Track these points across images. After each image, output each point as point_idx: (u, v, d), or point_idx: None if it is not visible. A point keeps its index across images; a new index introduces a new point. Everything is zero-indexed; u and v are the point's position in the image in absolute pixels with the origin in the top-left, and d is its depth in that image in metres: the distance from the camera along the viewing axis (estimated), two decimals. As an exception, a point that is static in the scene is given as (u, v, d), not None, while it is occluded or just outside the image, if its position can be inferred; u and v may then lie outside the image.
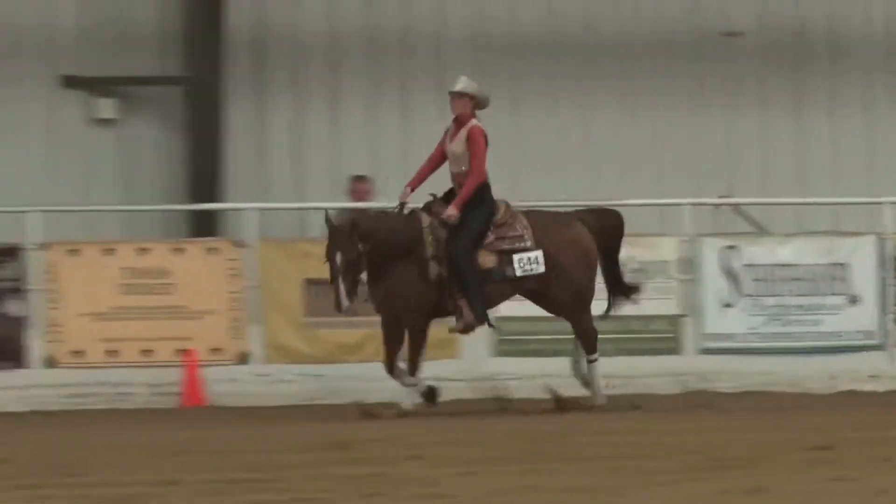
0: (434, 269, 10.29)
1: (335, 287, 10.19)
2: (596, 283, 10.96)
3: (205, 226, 15.02)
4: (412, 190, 10.57)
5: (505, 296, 10.74)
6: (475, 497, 6.06)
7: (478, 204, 10.33)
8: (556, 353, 12.99)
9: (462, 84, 10.52)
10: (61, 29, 15.68)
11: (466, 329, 10.62)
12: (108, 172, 15.93)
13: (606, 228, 10.98)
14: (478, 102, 10.51)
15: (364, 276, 10.30)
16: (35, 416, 12.32)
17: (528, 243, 10.46)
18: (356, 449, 8.46)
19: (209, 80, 15.57)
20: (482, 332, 12.23)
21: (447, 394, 11.47)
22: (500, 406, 11.38)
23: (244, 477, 7.04)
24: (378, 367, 11.33)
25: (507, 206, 10.64)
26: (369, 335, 12.67)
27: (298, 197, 15.72)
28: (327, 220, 10.37)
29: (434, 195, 10.53)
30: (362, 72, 16.28)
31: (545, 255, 10.52)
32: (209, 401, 12.56)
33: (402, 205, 10.61)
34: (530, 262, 10.42)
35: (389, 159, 16.09)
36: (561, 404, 10.84)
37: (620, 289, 11.16)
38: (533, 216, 10.77)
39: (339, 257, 10.10)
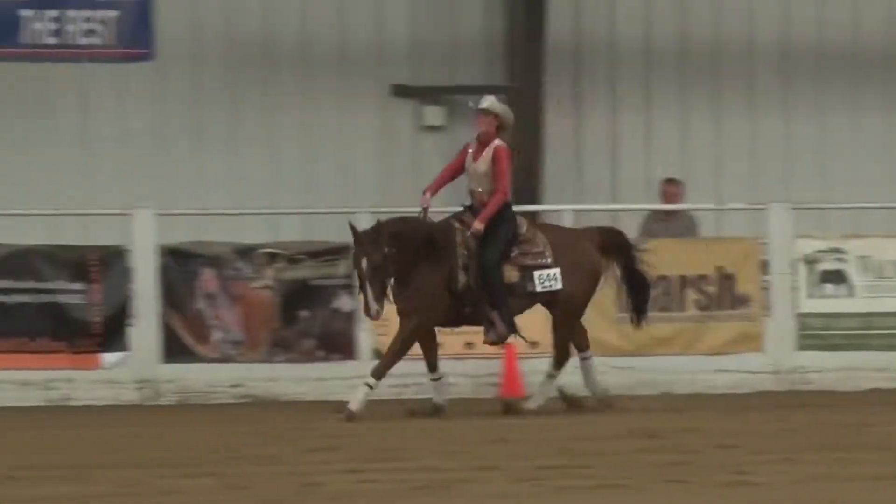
0: (462, 278, 10.20)
1: (363, 292, 10.11)
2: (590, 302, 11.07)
3: (523, 226, 15.61)
4: (431, 195, 10.50)
5: (522, 310, 10.61)
6: (787, 484, 6.10)
7: (502, 219, 10.32)
8: (858, 348, 13.15)
9: (488, 102, 10.46)
10: (393, 42, 16.43)
11: (498, 340, 10.59)
12: (434, 175, 16.42)
13: (614, 245, 11.02)
14: (502, 123, 10.45)
15: (387, 281, 10.16)
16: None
17: (549, 260, 10.43)
18: (664, 438, 8.52)
19: (531, 89, 15.96)
20: (788, 327, 12.42)
21: (753, 386, 11.63)
22: (804, 399, 11.45)
23: (555, 463, 7.22)
24: (686, 360, 11.59)
25: (530, 222, 10.80)
26: (680, 329, 13.06)
27: (612, 198, 16.09)
28: (351, 226, 10.26)
29: (466, 206, 10.51)
30: (674, 78, 16.48)
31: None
32: (527, 391, 13.08)
33: (424, 210, 10.53)
34: (549, 278, 10.39)
35: (700, 162, 16.35)
36: (571, 402, 10.91)
37: (642, 299, 11.19)
38: (549, 232, 10.80)
39: (364, 262, 9.99)
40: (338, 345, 13.37)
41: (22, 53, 15.96)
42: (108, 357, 13.24)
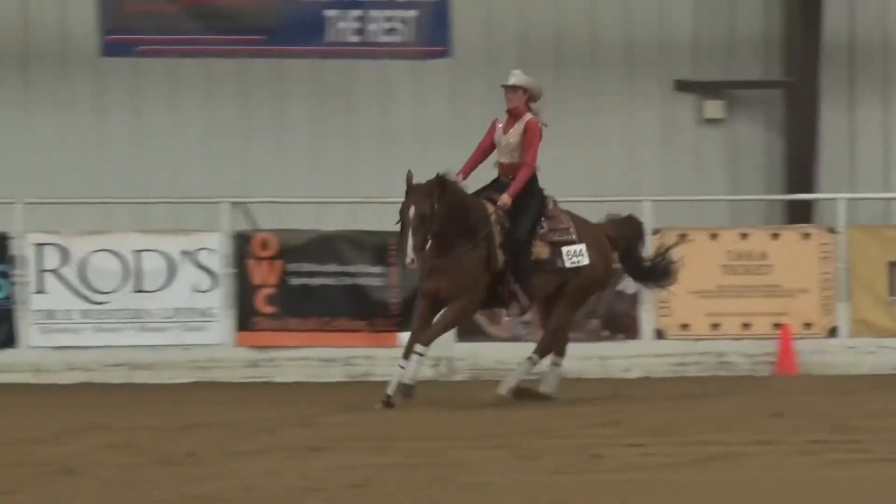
0: (500, 257, 10.00)
1: (403, 239, 9.79)
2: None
3: (799, 213, 15.68)
4: (464, 178, 10.26)
5: (551, 285, 10.36)
6: None
7: (531, 193, 10.16)
8: None
9: (515, 78, 10.24)
10: (675, 38, 16.75)
11: (522, 312, 10.49)
12: (714, 166, 16.87)
13: (627, 236, 10.93)
14: (531, 95, 10.24)
15: (429, 236, 9.79)
16: (644, 382, 13.41)
17: (574, 236, 10.29)
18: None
19: (807, 83, 16.17)
20: None
21: None
22: None
23: (830, 438, 7.44)
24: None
25: (554, 200, 10.46)
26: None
27: (885, 187, 16.17)
28: (408, 176, 9.94)
29: (493, 180, 10.34)
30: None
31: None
32: (800, 370, 13.25)
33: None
34: (577, 254, 10.25)
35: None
36: (519, 394, 10.51)
37: (649, 275, 11.19)
38: (569, 213, 10.62)
39: (412, 210, 9.70)
40: (621, 325, 13.84)
41: (327, 51, 16.79)
42: (405, 336, 13.79)
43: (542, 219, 10.24)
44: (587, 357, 13.49)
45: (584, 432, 8.38)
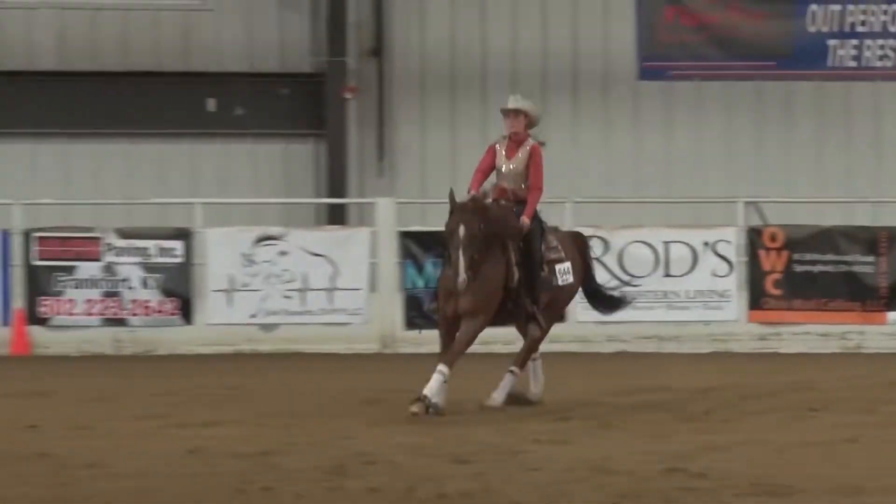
0: (516, 274, 9.54)
1: (455, 260, 9.17)
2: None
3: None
4: None
5: (544, 304, 9.86)
6: None
7: (536, 217, 9.83)
8: None
9: (516, 102, 9.81)
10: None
11: (542, 335, 9.93)
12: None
13: (582, 249, 10.48)
14: (531, 120, 9.83)
15: (476, 256, 9.26)
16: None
17: (563, 255, 9.97)
18: None
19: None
20: None
21: None
22: None
23: None
24: None
25: (544, 223, 10.10)
26: None
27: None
28: (451, 194, 9.42)
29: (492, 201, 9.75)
30: None
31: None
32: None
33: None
34: (566, 272, 9.92)
35: None
36: (512, 400, 9.90)
37: (601, 301, 10.72)
38: (553, 230, 10.33)
39: (462, 230, 9.12)
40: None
41: (828, 75, 18.88)
42: (893, 315, 15.50)
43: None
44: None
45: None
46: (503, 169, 9.79)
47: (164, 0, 18.83)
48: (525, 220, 9.65)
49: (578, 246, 10.40)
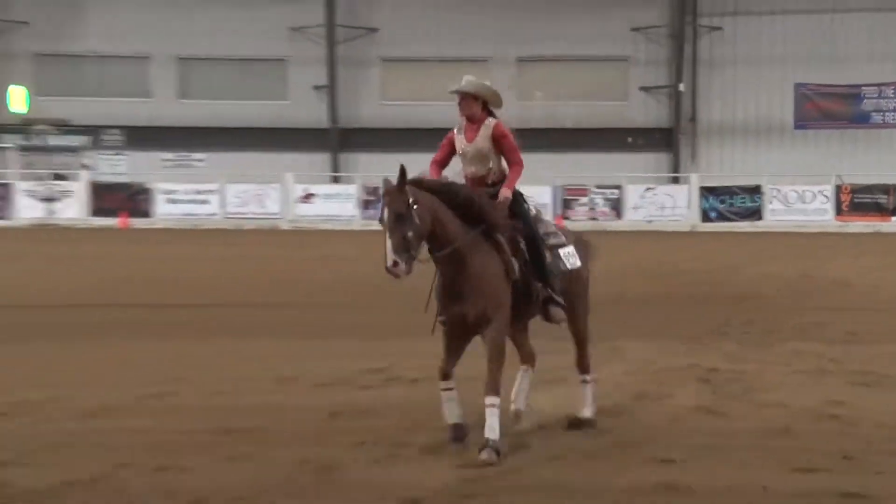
0: (516, 264, 7.66)
1: (384, 243, 7.17)
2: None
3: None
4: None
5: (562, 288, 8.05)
6: None
7: (521, 200, 8.03)
8: None
9: (462, 84, 7.94)
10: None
11: (562, 318, 8.10)
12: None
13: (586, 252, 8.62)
14: (488, 101, 7.97)
15: (411, 234, 7.14)
16: None
17: (563, 239, 8.26)
18: None
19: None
20: None
21: None
22: None
23: None
24: None
25: (535, 208, 8.37)
26: None
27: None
28: (384, 182, 7.40)
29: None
30: None
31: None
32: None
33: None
34: (571, 255, 8.22)
35: None
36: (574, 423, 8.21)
37: None
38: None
39: (386, 211, 7.20)
40: None
41: None
42: None
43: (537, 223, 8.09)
44: None
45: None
46: (465, 152, 7.97)
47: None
48: (505, 190, 7.86)
49: (583, 246, 8.55)
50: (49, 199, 35.28)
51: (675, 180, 37.82)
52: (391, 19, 38.46)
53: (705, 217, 37.24)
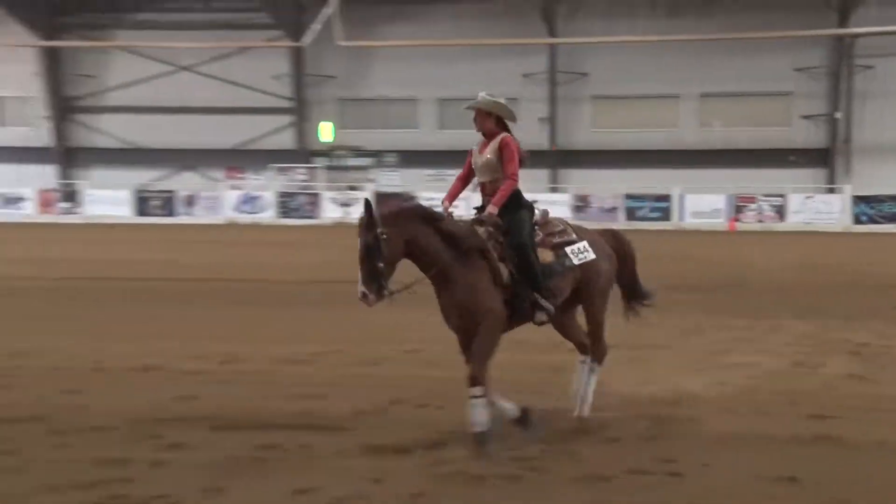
0: (504, 270, 6.46)
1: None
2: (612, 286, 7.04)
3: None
4: (449, 204, 6.70)
5: (568, 286, 6.84)
6: None
7: (517, 206, 6.66)
8: None
9: (476, 101, 6.75)
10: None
11: (550, 319, 6.70)
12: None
13: (618, 244, 7.30)
14: (503, 116, 6.76)
15: (381, 265, 6.01)
16: None
17: (574, 236, 6.95)
18: None
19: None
20: None
21: None
22: None
23: None
24: None
25: (543, 212, 6.97)
26: None
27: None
28: (365, 205, 6.15)
29: (476, 208, 6.76)
30: None
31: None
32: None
33: (449, 215, 6.58)
34: (582, 250, 6.91)
35: None
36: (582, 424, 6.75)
37: (636, 295, 7.45)
38: (563, 220, 7.13)
39: (359, 243, 6.09)
40: None
41: None
42: None
43: (535, 227, 6.79)
44: None
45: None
46: (477, 164, 6.78)
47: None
48: (491, 208, 6.54)
49: (610, 240, 7.25)
50: (345, 204, 34.04)
51: (831, 191, 35.59)
52: (599, 66, 36.10)
53: (857, 220, 34.70)
